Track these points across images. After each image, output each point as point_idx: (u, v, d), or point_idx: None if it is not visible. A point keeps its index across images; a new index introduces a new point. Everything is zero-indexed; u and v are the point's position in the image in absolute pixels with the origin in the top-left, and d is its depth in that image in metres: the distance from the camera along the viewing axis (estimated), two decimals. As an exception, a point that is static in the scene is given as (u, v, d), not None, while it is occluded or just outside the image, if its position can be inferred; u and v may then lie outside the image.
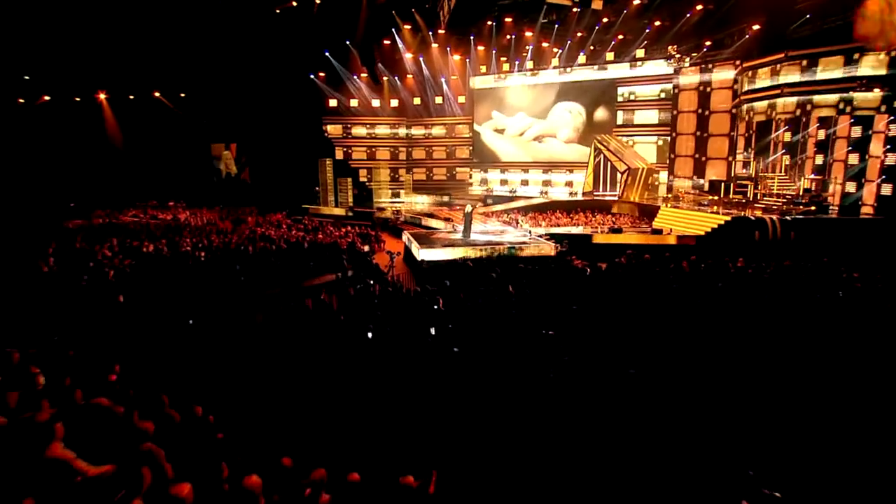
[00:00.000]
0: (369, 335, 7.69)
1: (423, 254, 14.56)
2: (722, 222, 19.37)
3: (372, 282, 11.78)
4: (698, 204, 23.54)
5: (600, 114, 32.04)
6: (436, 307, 8.99)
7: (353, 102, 36.52)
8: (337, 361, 6.59)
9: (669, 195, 26.86)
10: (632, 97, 31.02)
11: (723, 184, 24.13)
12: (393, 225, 25.69)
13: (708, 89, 27.70)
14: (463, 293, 9.82)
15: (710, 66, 27.43)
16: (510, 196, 32.47)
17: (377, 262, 14.05)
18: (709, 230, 19.35)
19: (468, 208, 17.60)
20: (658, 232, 19.76)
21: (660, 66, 29.75)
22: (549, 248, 15.84)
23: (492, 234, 18.52)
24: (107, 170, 33.88)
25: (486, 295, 9.41)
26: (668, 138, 29.75)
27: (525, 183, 34.96)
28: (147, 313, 8.19)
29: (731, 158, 26.68)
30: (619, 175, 28.23)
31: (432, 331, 7.91)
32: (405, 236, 18.34)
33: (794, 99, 22.64)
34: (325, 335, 7.79)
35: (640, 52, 30.19)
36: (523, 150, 34.80)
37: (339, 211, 28.96)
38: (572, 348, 6.74)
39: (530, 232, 18.66)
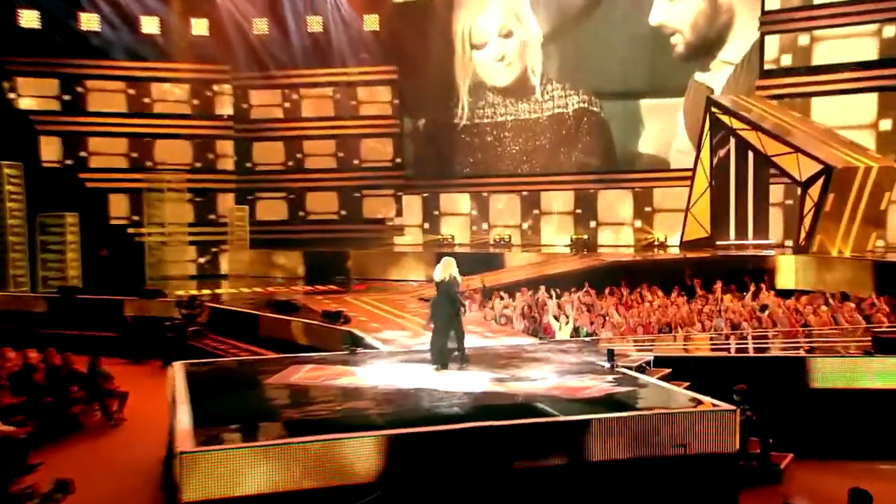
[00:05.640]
0: None
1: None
2: None
3: None
4: None
5: (725, 49, 29.56)
6: None
7: (90, 22, 32.03)
8: None
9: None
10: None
11: None
12: (194, 333, 21.52)
13: None
14: None
15: None
16: (498, 252, 29.95)
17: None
18: None
19: (446, 271, 12.18)
20: None
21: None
22: (728, 438, 11.28)
23: (507, 377, 14.32)
24: None
25: None
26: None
27: (531, 221, 32.99)
28: None
29: None
30: (782, 189, 26.73)
31: None
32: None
33: None
34: None
35: None
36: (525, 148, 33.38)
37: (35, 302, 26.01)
38: None
39: (612, 357, 13.23)
